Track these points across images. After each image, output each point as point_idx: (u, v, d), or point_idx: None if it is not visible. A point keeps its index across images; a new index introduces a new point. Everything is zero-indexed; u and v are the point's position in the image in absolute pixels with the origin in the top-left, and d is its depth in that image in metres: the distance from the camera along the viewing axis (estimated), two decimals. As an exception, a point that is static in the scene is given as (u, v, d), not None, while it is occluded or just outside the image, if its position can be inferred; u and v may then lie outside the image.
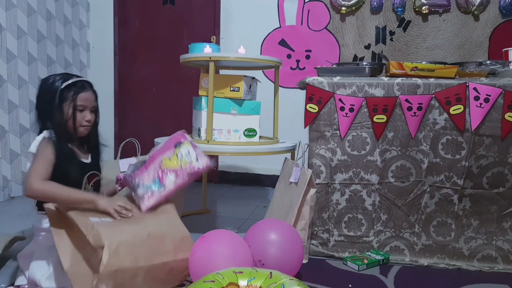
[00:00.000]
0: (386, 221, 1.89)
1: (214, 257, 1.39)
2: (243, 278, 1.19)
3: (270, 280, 1.19)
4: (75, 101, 1.47)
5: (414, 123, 1.80)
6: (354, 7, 3.08)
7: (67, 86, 1.47)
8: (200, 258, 1.41)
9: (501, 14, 2.90)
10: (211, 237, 1.47)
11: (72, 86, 1.47)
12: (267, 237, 1.55)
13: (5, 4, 2.70)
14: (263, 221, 1.70)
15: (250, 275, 1.20)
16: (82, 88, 1.49)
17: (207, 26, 3.45)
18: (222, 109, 2.08)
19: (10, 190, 2.80)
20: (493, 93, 1.72)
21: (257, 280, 1.19)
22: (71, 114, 1.47)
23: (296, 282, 1.19)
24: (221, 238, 1.48)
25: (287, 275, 1.23)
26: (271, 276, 1.20)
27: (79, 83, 1.50)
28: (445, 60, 2.81)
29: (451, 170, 1.79)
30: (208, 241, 1.46)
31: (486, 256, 1.82)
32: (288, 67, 3.26)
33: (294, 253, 1.57)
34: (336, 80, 1.86)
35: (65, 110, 1.47)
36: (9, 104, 2.77)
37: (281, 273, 1.24)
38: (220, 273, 1.20)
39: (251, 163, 3.44)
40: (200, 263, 1.40)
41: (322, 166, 1.89)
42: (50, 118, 1.47)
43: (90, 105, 1.52)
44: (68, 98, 1.46)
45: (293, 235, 1.61)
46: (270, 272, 1.23)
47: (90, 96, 1.52)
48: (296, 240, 1.60)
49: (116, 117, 3.69)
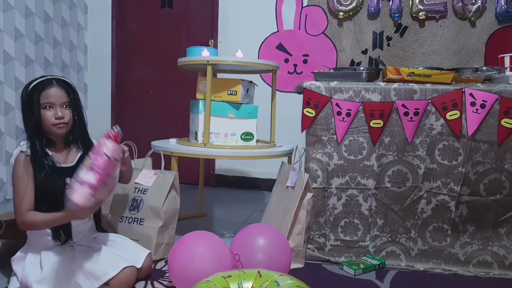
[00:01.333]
0: (383, 226, 1.89)
1: (193, 257, 1.43)
2: (233, 282, 1.18)
3: (260, 279, 1.18)
4: (38, 100, 1.41)
5: (410, 128, 1.81)
6: (352, 12, 3.09)
7: (33, 87, 1.42)
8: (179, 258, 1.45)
9: (497, 21, 2.92)
10: (190, 237, 1.51)
11: (37, 86, 1.43)
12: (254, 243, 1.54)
13: (2, 5, 2.69)
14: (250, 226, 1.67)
15: (239, 278, 1.19)
16: (46, 85, 1.42)
17: (205, 30, 3.45)
18: (219, 113, 2.08)
19: (5, 192, 2.78)
20: (489, 99, 1.73)
21: (247, 282, 1.18)
22: (39, 114, 1.42)
23: (288, 277, 1.19)
24: (200, 238, 1.52)
25: (275, 272, 1.23)
26: (260, 275, 1.20)
27: (45, 81, 1.43)
28: (441, 66, 2.82)
29: (448, 176, 1.80)
30: (186, 241, 1.49)
31: (482, 261, 1.82)
32: (286, 71, 3.27)
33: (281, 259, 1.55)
34: (333, 84, 1.86)
35: (35, 112, 1.42)
36: (6, 106, 2.76)
37: (268, 271, 1.24)
38: (210, 281, 1.19)
39: (248, 166, 3.43)
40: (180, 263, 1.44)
41: (318, 171, 1.89)
42: (26, 126, 1.45)
43: (59, 102, 1.43)
44: (34, 99, 1.41)
45: (280, 240, 1.60)
46: (258, 271, 1.22)
47: (57, 92, 1.43)
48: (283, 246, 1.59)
49: (113, 119, 3.69)
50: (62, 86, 1.45)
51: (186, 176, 1.85)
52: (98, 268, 1.41)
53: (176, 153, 2.00)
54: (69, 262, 1.42)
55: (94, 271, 1.40)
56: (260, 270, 1.23)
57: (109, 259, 1.46)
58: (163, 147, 2.04)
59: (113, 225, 1.87)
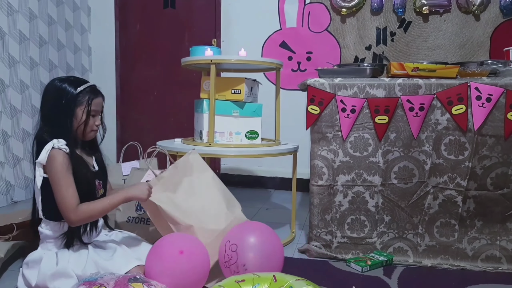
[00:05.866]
0: (389, 222, 1.88)
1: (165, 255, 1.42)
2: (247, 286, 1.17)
3: (275, 284, 1.17)
4: (89, 107, 1.46)
5: (416, 124, 1.80)
6: (355, 9, 3.08)
7: (84, 92, 1.46)
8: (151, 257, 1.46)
9: (502, 14, 2.89)
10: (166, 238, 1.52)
11: (86, 91, 1.47)
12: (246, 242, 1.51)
13: (6, 9, 2.71)
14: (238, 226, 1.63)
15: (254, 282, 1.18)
16: (95, 94, 1.50)
17: (208, 29, 3.45)
18: (223, 112, 2.08)
19: (13, 195, 2.80)
20: (495, 92, 1.72)
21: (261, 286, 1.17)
22: (84, 119, 1.46)
23: (304, 282, 1.17)
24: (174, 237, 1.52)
25: (292, 276, 1.21)
26: (276, 280, 1.19)
27: (92, 88, 1.50)
28: (446, 60, 2.80)
29: (454, 171, 1.79)
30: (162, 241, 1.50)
31: (490, 256, 1.81)
32: (289, 69, 3.26)
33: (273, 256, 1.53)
34: (337, 81, 1.86)
35: (78, 115, 1.46)
36: (12, 109, 2.78)
37: (284, 275, 1.22)
38: (222, 285, 1.18)
39: (253, 165, 3.43)
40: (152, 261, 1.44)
41: (324, 168, 1.88)
42: (59, 124, 1.44)
43: (100, 110, 1.53)
44: (82, 103, 1.46)
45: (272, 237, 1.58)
46: (273, 275, 1.21)
47: (101, 101, 1.53)
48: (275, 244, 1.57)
49: (118, 121, 3.70)
50: (102, 95, 1.54)
51: (191, 175, 1.84)
52: (111, 264, 1.42)
53: (182, 153, 2.00)
54: (83, 258, 1.44)
55: (107, 266, 1.41)
56: (276, 274, 1.21)
57: (122, 256, 1.48)
58: (168, 147, 2.04)
59: (120, 225, 1.87)
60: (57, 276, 1.38)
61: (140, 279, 1.20)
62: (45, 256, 1.44)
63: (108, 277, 1.19)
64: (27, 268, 1.46)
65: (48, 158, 1.39)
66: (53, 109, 1.46)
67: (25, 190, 2.88)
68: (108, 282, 1.16)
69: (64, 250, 1.46)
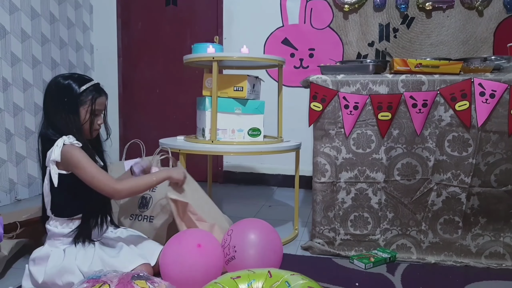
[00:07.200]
0: (393, 219, 1.88)
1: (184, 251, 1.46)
2: (243, 283, 1.17)
3: (271, 279, 1.17)
4: (93, 106, 1.46)
5: (419, 120, 1.79)
6: (357, 5, 3.06)
7: (88, 90, 1.46)
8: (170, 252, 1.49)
9: (505, 9, 2.87)
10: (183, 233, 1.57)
11: (90, 90, 1.46)
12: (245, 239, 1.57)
13: (8, 7, 2.71)
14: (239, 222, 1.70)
15: (249, 278, 1.18)
16: (99, 93, 1.49)
17: (210, 27, 3.45)
18: (226, 109, 2.08)
19: (16, 193, 2.81)
20: (498, 88, 1.71)
21: (257, 282, 1.17)
22: (88, 118, 1.47)
23: (299, 276, 1.17)
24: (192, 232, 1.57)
25: (287, 271, 1.21)
26: (271, 275, 1.18)
27: (95, 86, 1.49)
28: (449, 56, 2.78)
29: (458, 168, 1.78)
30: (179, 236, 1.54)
31: (494, 253, 1.81)
32: (292, 66, 3.25)
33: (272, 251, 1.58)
34: (340, 78, 1.85)
35: (82, 114, 1.46)
36: (14, 107, 2.78)
37: (279, 270, 1.22)
38: (218, 282, 1.18)
39: (256, 162, 3.43)
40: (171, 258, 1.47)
41: (327, 165, 1.88)
42: (63, 122, 1.43)
43: (103, 109, 1.54)
44: (86, 102, 1.45)
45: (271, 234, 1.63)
46: (268, 271, 1.20)
47: (105, 100, 1.53)
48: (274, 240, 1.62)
49: (120, 118, 3.71)
50: (106, 94, 1.55)
51: (194, 173, 1.85)
52: (117, 261, 1.43)
53: (184, 150, 2.00)
54: (90, 255, 1.45)
55: (113, 263, 1.42)
56: (271, 270, 1.21)
57: (128, 254, 1.49)
58: (171, 145, 2.04)
59: (123, 223, 1.88)
60: (65, 272, 1.39)
61: (143, 277, 1.20)
62: (52, 253, 1.45)
63: (111, 275, 1.20)
64: (33, 265, 1.46)
65: (63, 154, 1.39)
66: (56, 107, 1.45)
67: (29, 188, 2.89)
68: (111, 280, 1.16)
69: (71, 247, 1.47)
